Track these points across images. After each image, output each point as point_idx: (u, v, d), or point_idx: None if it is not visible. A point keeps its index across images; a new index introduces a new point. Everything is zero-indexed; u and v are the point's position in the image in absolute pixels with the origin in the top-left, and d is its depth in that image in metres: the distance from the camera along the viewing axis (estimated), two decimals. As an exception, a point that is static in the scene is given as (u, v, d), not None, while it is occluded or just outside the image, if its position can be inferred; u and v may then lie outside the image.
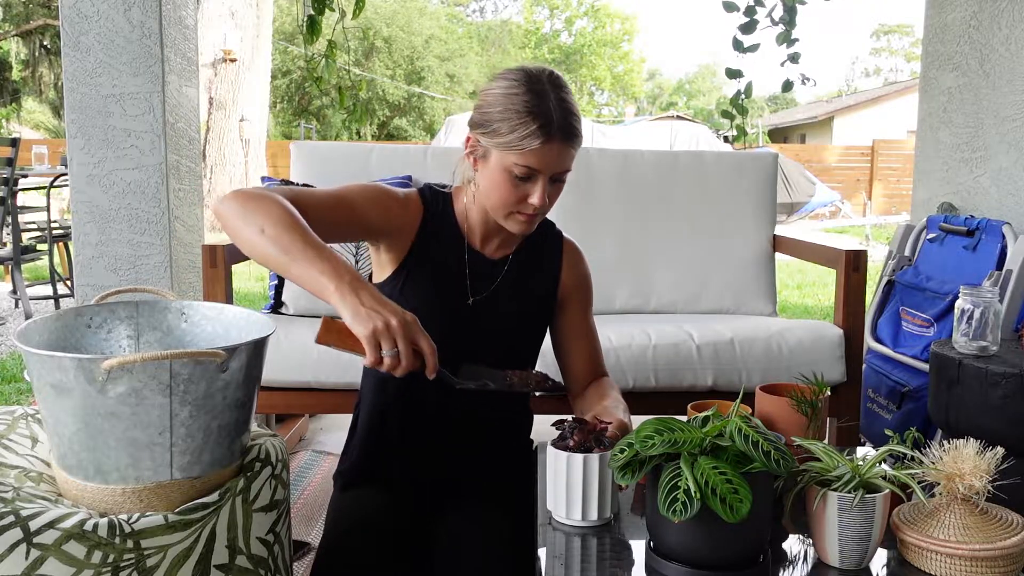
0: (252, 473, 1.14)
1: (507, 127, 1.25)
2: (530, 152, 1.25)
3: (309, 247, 1.13)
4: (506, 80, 1.28)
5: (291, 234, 1.13)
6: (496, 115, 1.26)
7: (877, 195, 15.91)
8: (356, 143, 4.16)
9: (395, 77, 22.75)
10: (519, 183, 1.28)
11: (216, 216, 1.20)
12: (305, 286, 1.13)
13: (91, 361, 0.98)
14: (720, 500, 0.95)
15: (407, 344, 1.09)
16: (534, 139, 1.24)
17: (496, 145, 1.27)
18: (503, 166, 1.27)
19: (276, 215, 1.15)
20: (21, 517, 0.94)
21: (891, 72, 41.04)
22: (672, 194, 2.60)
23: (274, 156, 13.79)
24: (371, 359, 1.09)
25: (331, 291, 1.10)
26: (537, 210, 1.31)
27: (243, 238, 1.16)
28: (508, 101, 1.25)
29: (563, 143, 1.26)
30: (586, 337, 1.52)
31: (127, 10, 2.41)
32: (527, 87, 1.26)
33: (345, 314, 1.09)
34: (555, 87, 1.27)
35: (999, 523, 1.06)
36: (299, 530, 2.08)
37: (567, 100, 1.28)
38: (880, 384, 2.49)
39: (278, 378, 2.02)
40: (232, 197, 1.19)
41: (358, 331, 1.08)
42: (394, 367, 1.10)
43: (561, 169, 1.30)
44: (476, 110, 1.31)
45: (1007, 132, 2.51)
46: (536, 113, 1.24)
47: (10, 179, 4.28)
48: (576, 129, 1.28)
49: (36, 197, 6.54)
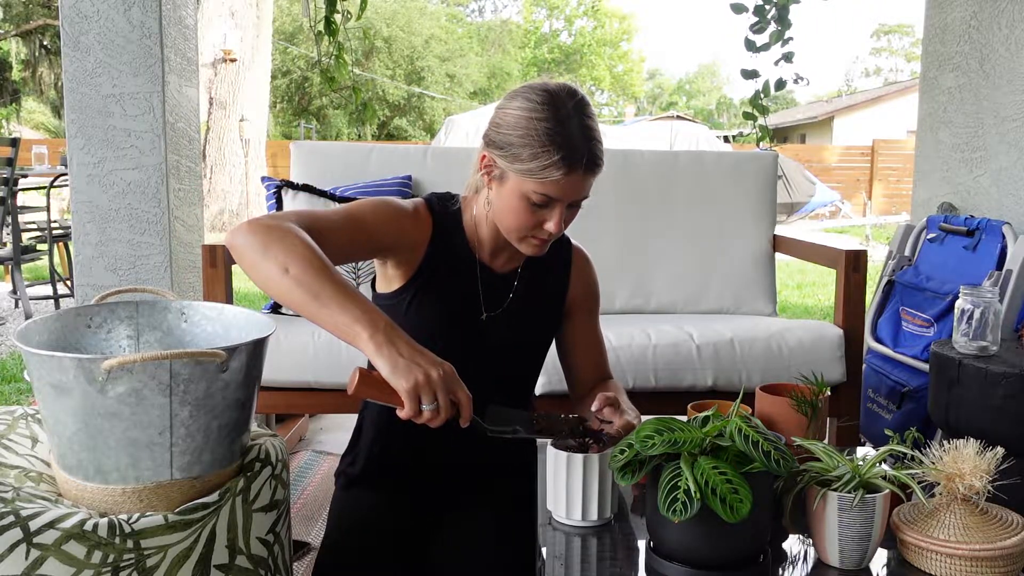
0: (252, 473, 1.14)
1: (527, 154, 1.19)
2: (551, 183, 1.20)
3: (339, 291, 1.07)
4: (528, 101, 1.22)
5: (319, 276, 1.07)
6: (516, 139, 1.21)
7: (877, 195, 15.91)
8: (356, 143, 4.16)
9: (395, 77, 22.75)
10: (536, 209, 1.24)
11: (230, 249, 1.14)
12: (334, 332, 1.08)
13: (91, 361, 0.98)
14: (720, 500, 0.95)
15: (446, 396, 1.06)
16: (556, 170, 1.19)
17: (515, 170, 1.22)
18: (521, 191, 1.23)
19: (300, 253, 1.09)
20: (21, 517, 0.94)
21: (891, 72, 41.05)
22: (672, 194, 2.60)
23: (274, 156, 13.79)
24: (410, 412, 1.05)
25: (364, 339, 1.05)
26: (552, 236, 1.27)
27: (264, 276, 1.10)
28: (530, 125, 1.19)
29: (585, 173, 1.22)
30: (593, 344, 1.51)
31: (127, 10, 2.41)
32: (551, 112, 1.20)
33: (383, 367, 1.04)
34: (579, 111, 1.22)
35: (999, 523, 1.06)
36: (299, 530, 2.08)
37: (591, 127, 1.23)
38: (880, 384, 2.49)
39: (278, 378, 2.02)
40: (249, 230, 1.12)
41: (398, 385, 1.04)
42: (432, 419, 1.06)
43: (579, 197, 1.26)
44: (494, 128, 1.25)
45: (1007, 132, 2.51)
46: (560, 143, 1.18)
47: (10, 179, 4.28)
48: (600, 159, 1.24)
49: (36, 197, 6.54)
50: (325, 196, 2.32)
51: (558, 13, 33.52)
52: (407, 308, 1.35)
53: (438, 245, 1.35)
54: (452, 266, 1.36)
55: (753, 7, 3.22)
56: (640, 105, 34.38)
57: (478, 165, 1.29)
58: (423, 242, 1.34)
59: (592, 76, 33.08)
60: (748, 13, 3.22)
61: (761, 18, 3.20)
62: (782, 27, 3.19)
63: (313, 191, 2.32)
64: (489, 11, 38.00)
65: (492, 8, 42.79)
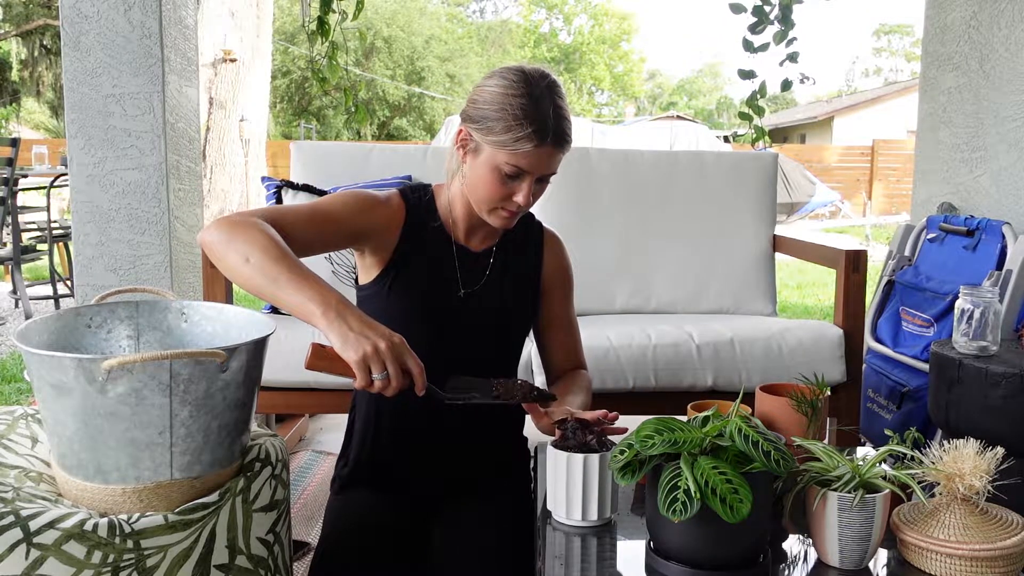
0: (252, 473, 1.14)
1: (501, 126, 1.27)
2: (522, 154, 1.28)
3: (294, 274, 1.13)
4: (504, 79, 1.30)
5: (276, 262, 1.13)
6: (492, 113, 1.28)
7: (877, 195, 15.91)
8: (356, 143, 4.16)
9: (395, 77, 22.74)
10: (507, 180, 1.31)
11: (203, 247, 1.20)
12: (293, 312, 1.13)
13: (91, 361, 0.98)
14: (720, 500, 0.95)
15: (396, 366, 1.10)
16: (528, 142, 1.27)
17: (489, 142, 1.29)
18: (493, 163, 1.30)
19: (260, 243, 1.15)
20: (21, 517, 0.94)
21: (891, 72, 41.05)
22: (672, 194, 2.60)
23: (274, 156, 13.79)
24: (361, 383, 1.09)
25: (318, 316, 1.10)
26: (520, 208, 1.33)
27: (229, 267, 1.17)
28: (505, 101, 1.27)
29: (554, 148, 1.29)
30: (566, 328, 1.56)
31: (127, 10, 2.41)
32: (526, 89, 1.27)
33: (334, 340, 1.09)
34: (552, 93, 1.29)
35: (999, 523, 1.06)
36: (299, 530, 2.08)
37: (562, 107, 1.30)
38: (880, 384, 2.49)
39: (278, 378, 2.02)
40: (215, 227, 1.18)
41: (348, 356, 1.08)
42: (384, 388, 1.10)
43: (548, 172, 1.33)
44: (471, 104, 1.33)
45: (1007, 132, 2.51)
46: (533, 117, 1.26)
47: (10, 179, 4.28)
48: (568, 136, 1.32)
49: (36, 197, 6.54)
50: (325, 196, 2.32)
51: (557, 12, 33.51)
52: (388, 293, 1.39)
53: (413, 228, 1.41)
54: (427, 247, 1.41)
55: (752, 7, 3.22)
56: (640, 105, 34.37)
57: (455, 139, 1.36)
58: (396, 226, 1.40)
59: (592, 76, 33.08)
60: (747, 13, 3.22)
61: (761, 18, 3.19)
62: (785, 27, 3.18)
63: (313, 191, 2.32)
64: (489, 11, 37.99)
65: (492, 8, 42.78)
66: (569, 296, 1.57)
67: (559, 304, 1.54)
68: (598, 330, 2.08)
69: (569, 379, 1.51)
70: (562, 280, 1.55)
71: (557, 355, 1.55)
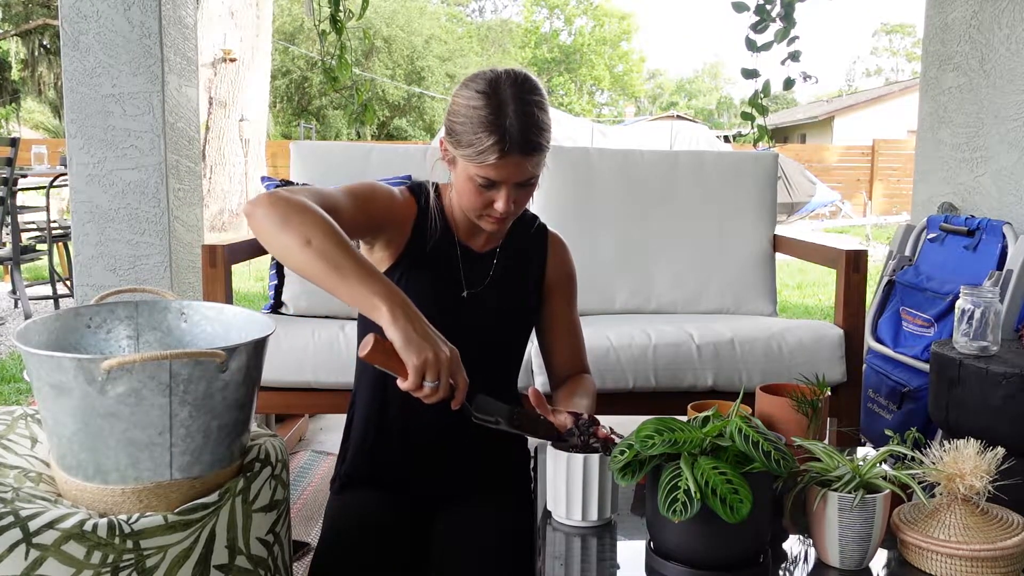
0: (252, 473, 1.14)
1: (466, 139, 1.26)
2: (489, 166, 1.26)
3: (360, 265, 1.14)
4: (469, 89, 1.29)
5: (340, 250, 1.13)
6: (458, 125, 1.28)
7: (877, 195, 15.91)
8: (356, 143, 4.16)
9: (395, 77, 22.75)
10: (483, 190, 1.30)
11: (248, 219, 1.18)
12: (352, 303, 1.14)
13: (91, 361, 0.98)
14: (720, 500, 0.95)
15: (447, 377, 1.12)
16: (490, 154, 1.25)
17: (460, 155, 1.29)
18: (468, 174, 1.30)
19: (321, 227, 1.14)
20: (21, 517, 0.94)
21: (892, 72, 41.05)
22: (672, 194, 2.59)
23: (274, 156, 13.78)
24: (411, 385, 1.11)
25: (383, 312, 1.11)
26: (503, 214, 1.33)
27: (283, 247, 1.14)
28: (469, 113, 1.26)
29: (521, 156, 1.26)
30: (569, 331, 1.55)
31: (127, 10, 2.41)
32: (488, 98, 1.25)
33: (397, 340, 1.10)
34: (519, 97, 1.26)
35: (999, 523, 1.06)
36: (299, 530, 2.08)
37: (529, 112, 1.26)
38: (880, 384, 2.49)
39: (278, 378, 2.02)
40: (267, 203, 1.16)
41: (408, 359, 1.10)
42: (429, 396, 1.12)
43: (523, 179, 1.30)
44: (448, 116, 1.32)
45: (1007, 132, 2.51)
46: (494, 127, 1.24)
47: (10, 179, 4.27)
48: (536, 142, 1.27)
49: (36, 197, 6.54)
50: (325, 196, 2.32)
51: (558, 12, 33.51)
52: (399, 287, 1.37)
53: (421, 226, 1.42)
54: (434, 246, 1.42)
55: (755, 6, 3.21)
56: (640, 105, 34.37)
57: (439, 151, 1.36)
58: (409, 222, 1.41)
59: (592, 76, 33.08)
60: (749, 12, 3.21)
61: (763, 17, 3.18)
62: (787, 25, 3.18)
63: (313, 191, 2.32)
64: (489, 11, 37.99)
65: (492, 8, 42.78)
66: (572, 299, 1.56)
67: (562, 307, 1.54)
68: (598, 330, 2.08)
69: (573, 383, 1.50)
70: (565, 283, 1.55)
71: (559, 358, 1.55)
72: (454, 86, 1.35)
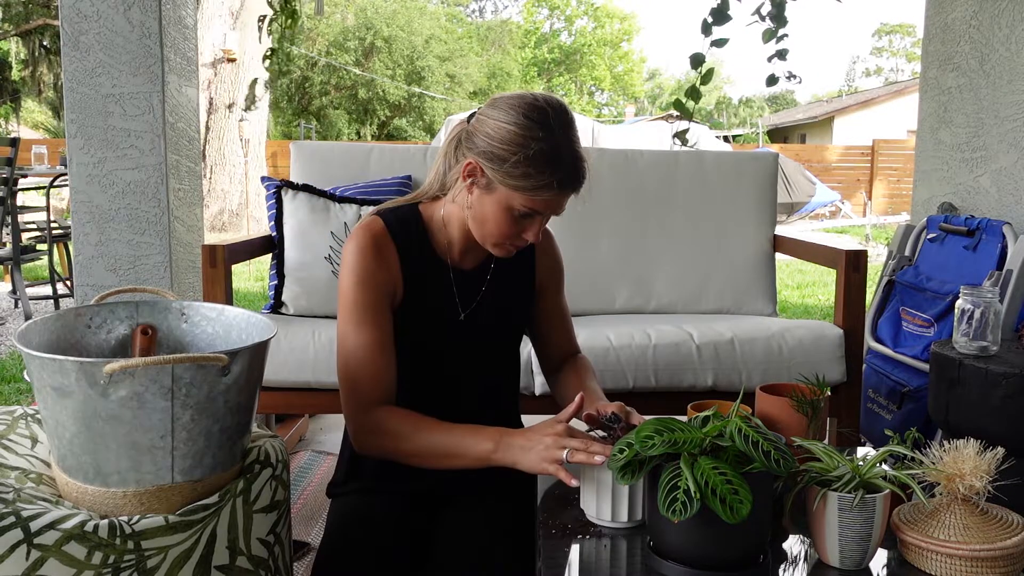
0: (252, 474, 1.14)
1: (520, 172, 1.23)
2: (542, 200, 1.26)
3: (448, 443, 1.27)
4: (521, 117, 1.24)
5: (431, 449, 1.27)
6: (508, 155, 1.23)
7: (877, 195, 15.90)
8: (356, 143, 4.16)
9: (395, 77, 22.73)
10: (518, 220, 1.29)
11: None
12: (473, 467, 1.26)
13: (93, 364, 0.98)
14: (720, 500, 0.95)
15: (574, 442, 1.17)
16: (548, 190, 1.25)
17: (506, 184, 1.25)
18: (507, 204, 1.27)
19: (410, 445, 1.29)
20: (22, 518, 0.94)
21: (892, 72, 41.04)
22: (672, 194, 2.60)
23: (274, 156, 13.78)
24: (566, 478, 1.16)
25: (497, 459, 1.23)
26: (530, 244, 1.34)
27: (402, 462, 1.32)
28: (524, 144, 1.23)
29: (572, 191, 1.29)
30: (560, 318, 1.57)
31: (127, 10, 2.41)
32: (545, 133, 1.23)
33: (524, 469, 1.21)
34: (568, 133, 1.27)
35: (999, 523, 1.06)
36: (299, 530, 2.08)
37: (579, 147, 1.28)
38: (880, 384, 2.49)
39: (278, 378, 2.02)
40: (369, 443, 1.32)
41: (534, 471, 1.20)
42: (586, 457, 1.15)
43: (562, 211, 1.33)
44: (485, 138, 1.26)
45: (1007, 132, 2.51)
46: (556, 165, 1.24)
47: (10, 179, 4.27)
48: (585, 177, 1.30)
49: (36, 197, 6.54)
50: (325, 196, 2.32)
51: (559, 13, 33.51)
52: (401, 332, 1.38)
53: (408, 266, 1.38)
54: (425, 278, 1.40)
55: None
56: (640, 105, 34.35)
57: (461, 171, 1.30)
58: (397, 273, 1.37)
59: (592, 76, 33.06)
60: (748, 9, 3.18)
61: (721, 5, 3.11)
62: (778, 25, 3.16)
63: (313, 191, 2.32)
64: (489, 11, 37.97)
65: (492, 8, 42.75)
66: (561, 288, 1.57)
67: (553, 298, 1.56)
68: (598, 330, 2.08)
69: (573, 366, 1.53)
70: (555, 275, 1.55)
71: (554, 344, 1.57)
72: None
